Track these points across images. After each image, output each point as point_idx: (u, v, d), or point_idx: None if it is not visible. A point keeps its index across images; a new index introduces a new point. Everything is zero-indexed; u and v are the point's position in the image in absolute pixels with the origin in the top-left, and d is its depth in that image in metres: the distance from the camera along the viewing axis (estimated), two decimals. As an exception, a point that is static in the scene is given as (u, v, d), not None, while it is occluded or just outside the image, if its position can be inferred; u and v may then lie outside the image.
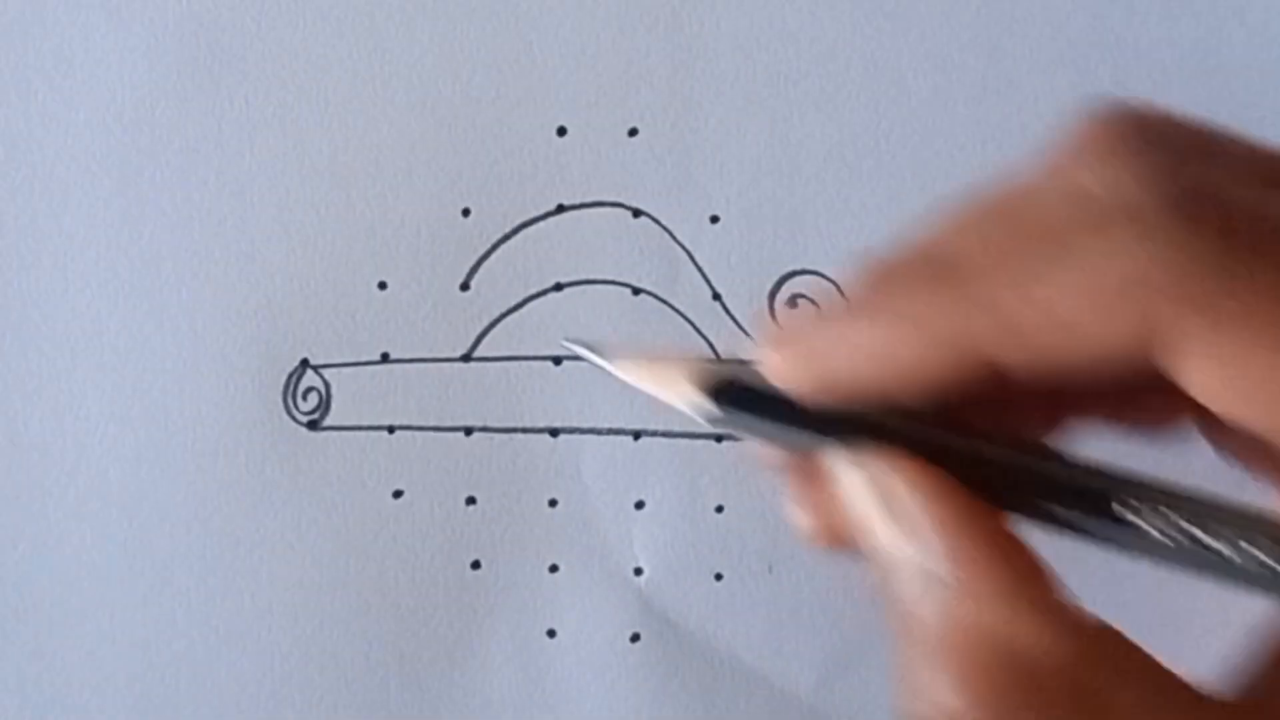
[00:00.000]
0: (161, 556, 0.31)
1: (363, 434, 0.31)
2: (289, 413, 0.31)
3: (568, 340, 0.25)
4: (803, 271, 0.32)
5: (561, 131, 0.31)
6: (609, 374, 0.25)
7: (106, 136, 0.30)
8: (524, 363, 0.31)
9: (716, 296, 0.32)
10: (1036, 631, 0.21)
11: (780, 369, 0.23)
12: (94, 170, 0.30)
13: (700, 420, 0.24)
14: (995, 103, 0.31)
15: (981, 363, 0.22)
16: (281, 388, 0.31)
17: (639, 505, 0.32)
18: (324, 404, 0.31)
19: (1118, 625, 0.22)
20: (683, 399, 0.24)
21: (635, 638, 0.32)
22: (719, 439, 0.32)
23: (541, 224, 0.31)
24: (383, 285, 0.31)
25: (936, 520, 0.22)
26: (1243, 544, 0.21)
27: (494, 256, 0.31)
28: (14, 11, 0.30)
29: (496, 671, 0.32)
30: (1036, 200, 0.22)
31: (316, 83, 0.31)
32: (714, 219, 0.31)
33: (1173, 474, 0.22)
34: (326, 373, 0.31)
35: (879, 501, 0.23)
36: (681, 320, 0.32)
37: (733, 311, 0.32)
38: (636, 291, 0.32)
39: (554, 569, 0.32)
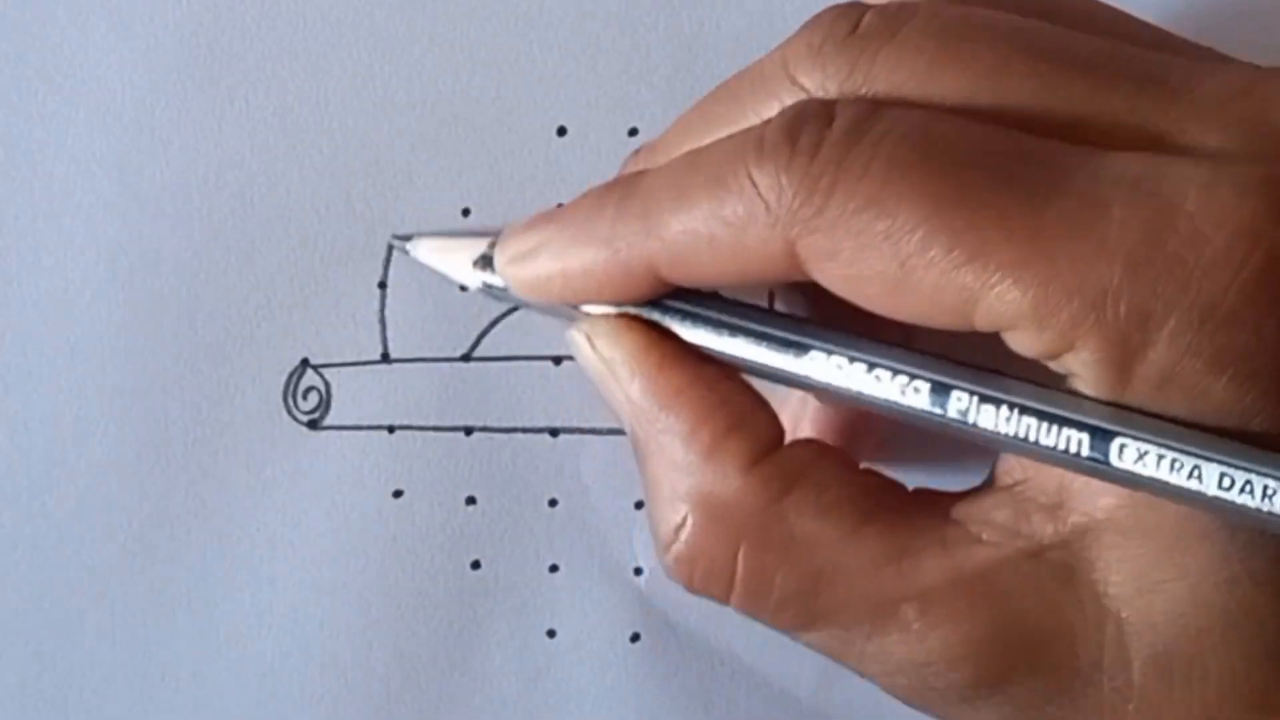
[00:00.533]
0: (161, 556, 0.31)
1: (363, 434, 0.31)
2: (289, 412, 0.31)
3: (394, 237, 0.31)
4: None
5: (561, 131, 0.31)
6: (409, 254, 0.30)
7: (106, 136, 0.30)
8: (524, 363, 0.31)
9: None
10: (722, 476, 0.25)
11: (502, 269, 0.27)
12: (94, 170, 0.30)
13: (474, 289, 0.28)
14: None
15: (659, 279, 0.25)
16: (281, 388, 0.31)
17: (639, 505, 0.32)
18: (324, 404, 0.31)
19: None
20: (458, 272, 0.28)
21: (635, 638, 0.32)
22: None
23: (541, 224, 0.31)
24: (383, 285, 0.31)
25: (637, 365, 0.25)
26: (912, 388, 0.24)
27: (494, 256, 0.31)
28: (14, 11, 0.30)
29: (496, 671, 0.32)
30: (722, 121, 0.25)
31: (316, 83, 0.31)
32: (714, 219, 0.31)
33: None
34: (326, 372, 0.31)
35: (590, 352, 0.26)
36: (681, 320, 0.32)
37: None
38: (636, 291, 0.32)
39: (554, 569, 0.32)
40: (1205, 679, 0.23)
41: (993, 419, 0.23)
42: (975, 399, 0.23)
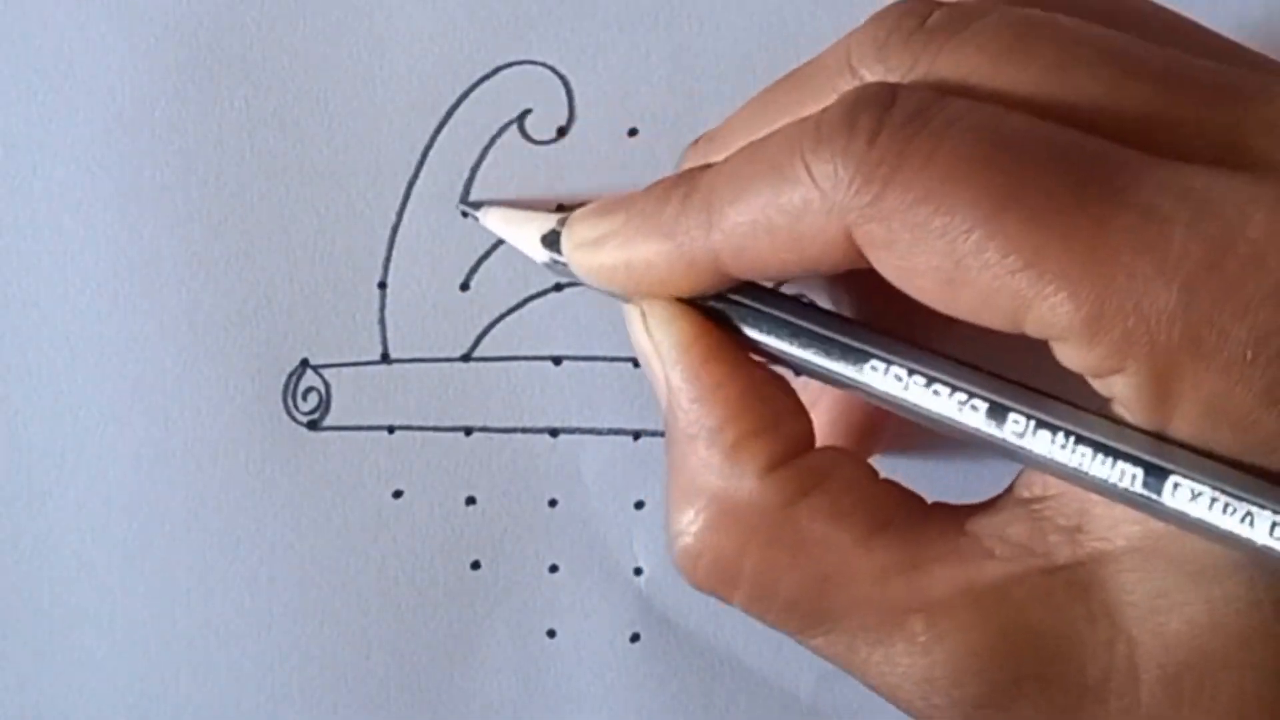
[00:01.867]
0: (161, 556, 0.31)
1: (363, 434, 0.31)
2: (289, 413, 0.31)
3: (463, 204, 0.31)
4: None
5: (562, 132, 0.31)
6: (478, 221, 0.30)
7: (106, 136, 0.30)
8: (524, 363, 0.31)
9: (716, 296, 0.32)
10: (739, 476, 0.25)
11: (568, 254, 0.27)
12: (94, 170, 0.30)
13: (540, 264, 0.28)
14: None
15: (721, 273, 0.25)
16: (281, 388, 0.31)
17: (639, 505, 0.32)
18: (324, 404, 0.31)
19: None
20: (525, 245, 0.29)
21: (635, 638, 0.32)
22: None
23: (541, 224, 0.31)
24: (383, 285, 0.31)
25: (681, 354, 0.25)
26: (973, 401, 0.23)
27: (494, 256, 0.31)
28: (14, 11, 0.30)
29: (496, 671, 0.32)
30: (781, 111, 0.25)
31: (316, 83, 0.31)
32: (714, 219, 0.31)
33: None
34: (326, 373, 0.31)
35: (642, 331, 0.26)
36: (681, 320, 0.32)
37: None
38: (636, 291, 0.32)
39: (554, 569, 0.32)
40: (1215, 699, 0.22)
41: (1047, 445, 0.23)
42: (1032, 423, 0.23)
